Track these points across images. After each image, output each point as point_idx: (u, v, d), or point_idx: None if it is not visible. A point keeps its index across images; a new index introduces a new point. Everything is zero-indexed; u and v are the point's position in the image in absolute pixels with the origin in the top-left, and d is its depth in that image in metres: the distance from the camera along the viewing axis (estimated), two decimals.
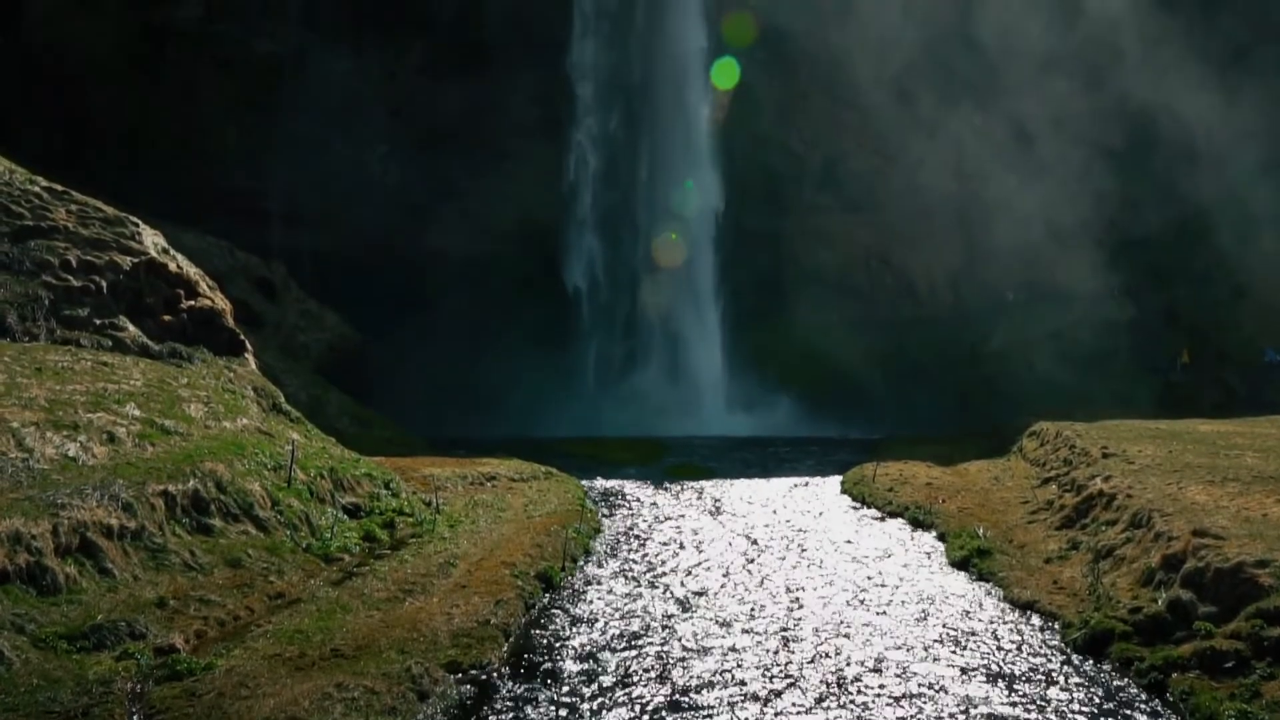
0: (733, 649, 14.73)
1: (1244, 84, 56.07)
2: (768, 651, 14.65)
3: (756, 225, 58.06)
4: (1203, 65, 55.13)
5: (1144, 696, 13.06)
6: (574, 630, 15.75)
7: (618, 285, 56.73)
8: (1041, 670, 13.98)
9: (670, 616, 16.50)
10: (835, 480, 33.28)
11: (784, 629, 15.78)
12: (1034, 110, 57.38)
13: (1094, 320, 54.89)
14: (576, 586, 18.56)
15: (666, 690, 12.96)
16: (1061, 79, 57.95)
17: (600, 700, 12.61)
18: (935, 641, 15.20)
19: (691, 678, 13.45)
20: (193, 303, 26.41)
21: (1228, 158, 55.03)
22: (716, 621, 16.18)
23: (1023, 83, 56.85)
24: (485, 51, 54.98)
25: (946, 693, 12.94)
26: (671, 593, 18.10)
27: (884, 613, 16.81)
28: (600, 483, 32.36)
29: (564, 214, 56.50)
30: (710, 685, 13.15)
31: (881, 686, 13.17)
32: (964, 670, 13.89)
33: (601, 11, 56.58)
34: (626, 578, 19.26)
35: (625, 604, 17.28)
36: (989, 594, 18.13)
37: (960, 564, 20.30)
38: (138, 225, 27.26)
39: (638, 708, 12.34)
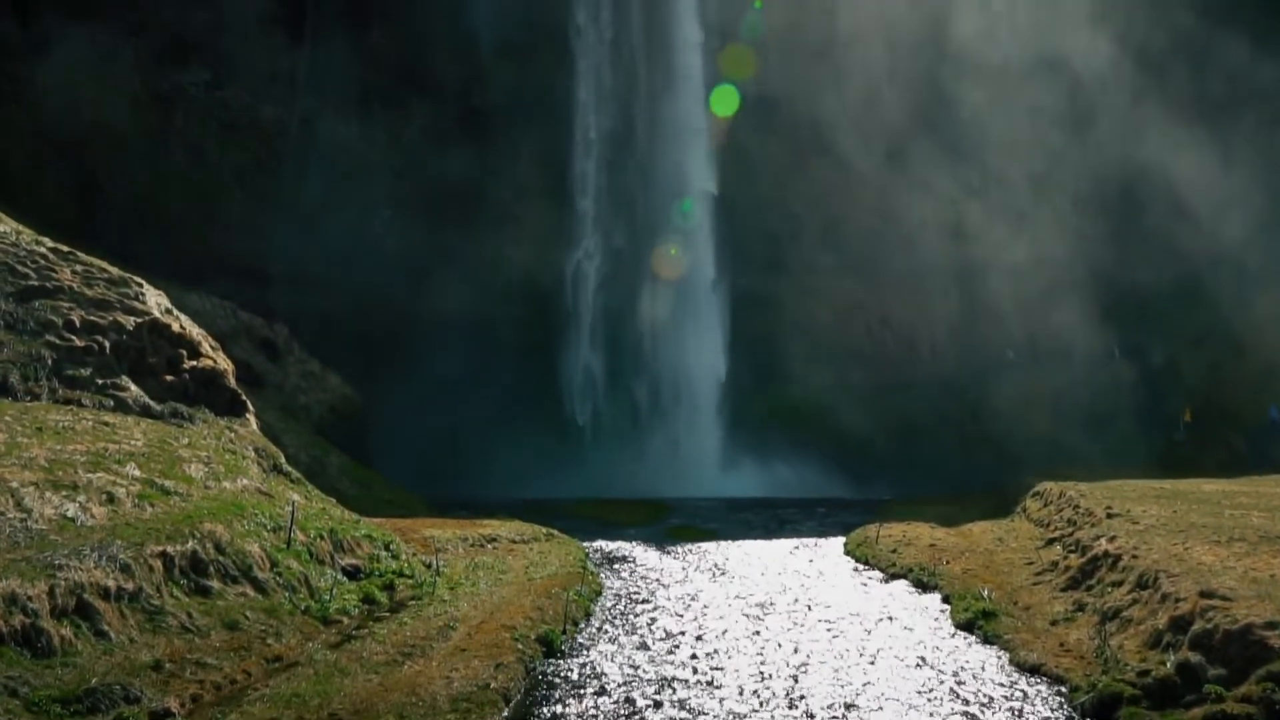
0: (737, 716, 14.49)
1: (1235, 143, 56.81)
2: (773, 719, 14.42)
3: (756, 286, 58.34)
4: (1193, 124, 55.90)
5: None
6: (575, 695, 15.52)
7: (619, 346, 56.82)
8: None
9: (673, 681, 16.26)
10: (838, 541, 33.03)
11: (789, 694, 15.55)
12: (1029, 170, 58.06)
13: (1095, 379, 54.92)
14: (578, 650, 18.33)
15: None
16: (1054, 138, 58.73)
17: None
18: (942, 706, 14.96)
19: None
20: (195, 363, 26.46)
21: (1222, 215, 55.48)
22: (720, 686, 15.95)
23: (1016, 143, 57.58)
24: (488, 117, 55.80)
25: None
26: (674, 656, 17.86)
27: (890, 677, 16.57)
28: (602, 544, 32.12)
29: (565, 278, 56.83)
30: None
31: None
32: None
33: (602, 81, 57.41)
34: (628, 641, 19.02)
35: (627, 668, 17.05)
36: (995, 656, 17.89)
37: (965, 626, 20.06)
38: (141, 286, 27.44)
39: None
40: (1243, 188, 55.72)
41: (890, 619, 21.25)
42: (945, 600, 22.72)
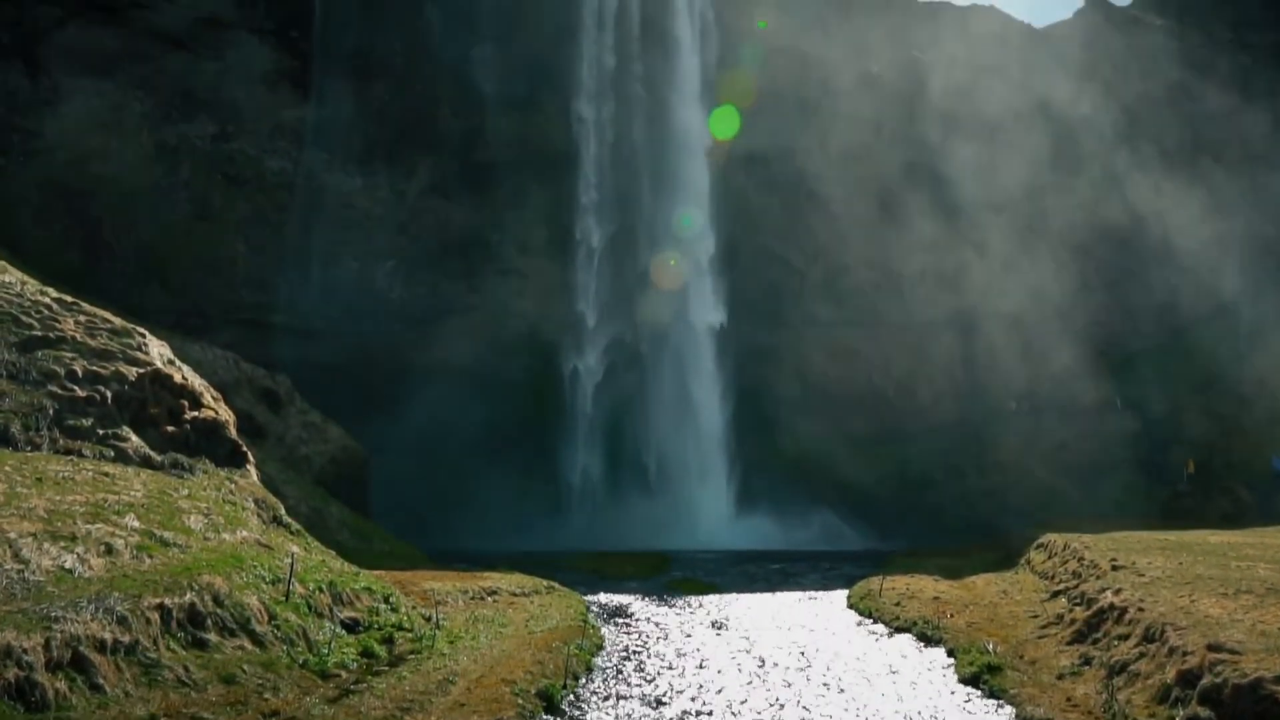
0: None
1: (1228, 194, 57.31)
2: None
3: (757, 338, 58.50)
4: (1188, 178, 56.46)
5: None
6: None
7: (622, 399, 56.76)
8: None
9: None
10: (841, 594, 32.74)
11: None
12: (1023, 221, 58.50)
13: (1098, 431, 54.85)
14: (578, 705, 18.08)
15: None
16: (1047, 190, 59.26)
17: None
18: None
19: None
20: (196, 414, 26.44)
21: (1218, 267, 55.87)
22: None
23: (1010, 195, 58.08)
24: (491, 171, 56.34)
25: None
26: (675, 712, 17.62)
27: None
28: (603, 597, 31.84)
29: (568, 331, 56.95)
30: None
31: None
32: None
33: (603, 140, 57.96)
34: (629, 696, 18.77)
35: None
36: (1001, 711, 17.64)
37: (970, 680, 19.80)
38: (144, 336, 27.50)
39: None
40: (1237, 240, 56.20)
41: (895, 674, 20.98)
42: (950, 654, 22.45)
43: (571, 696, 18.51)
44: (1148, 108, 60.57)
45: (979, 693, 19.08)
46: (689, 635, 25.36)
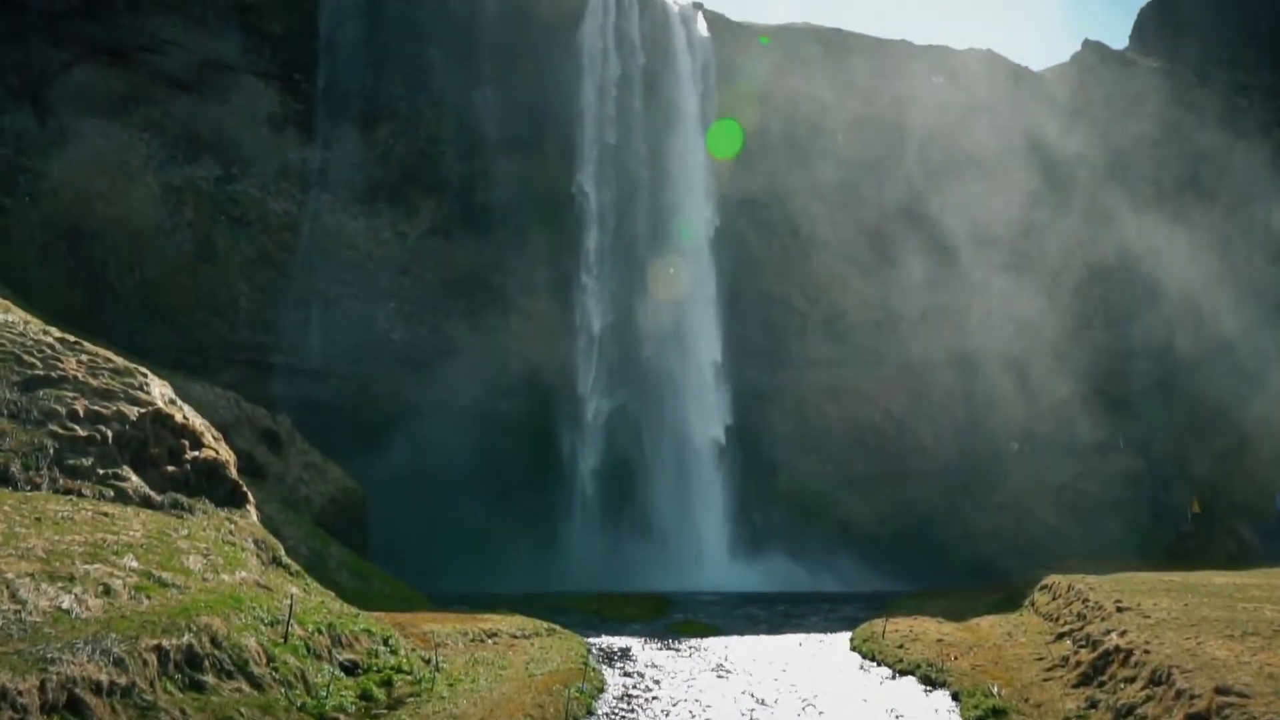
0: None
1: (1230, 239, 57.58)
2: None
3: (759, 379, 58.53)
4: (1188, 220, 56.75)
5: None
6: None
7: (623, 441, 56.63)
8: None
9: None
10: (844, 637, 32.45)
11: None
12: (1026, 265, 58.72)
13: (1100, 470, 54.74)
14: None
15: None
16: (1048, 236, 59.55)
17: None
18: None
19: None
20: (197, 454, 26.37)
21: (1219, 309, 56.02)
22: None
23: (1012, 239, 58.38)
24: (493, 213, 56.68)
25: None
26: None
27: None
28: (604, 640, 31.57)
29: (569, 373, 56.95)
30: None
31: None
32: None
33: (605, 184, 58.35)
34: None
35: None
36: None
37: None
38: (146, 376, 27.50)
39: None
40: (1234, 279, 56.39)
41: (899, 717, 20.75)
42: (954, 698, 22.20)
43: None
44: (1142, 148, 61.10)
45: None
46: (691, 679, 25.12)
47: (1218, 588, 28.37)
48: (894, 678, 25.48)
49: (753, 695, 22.87)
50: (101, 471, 23.21)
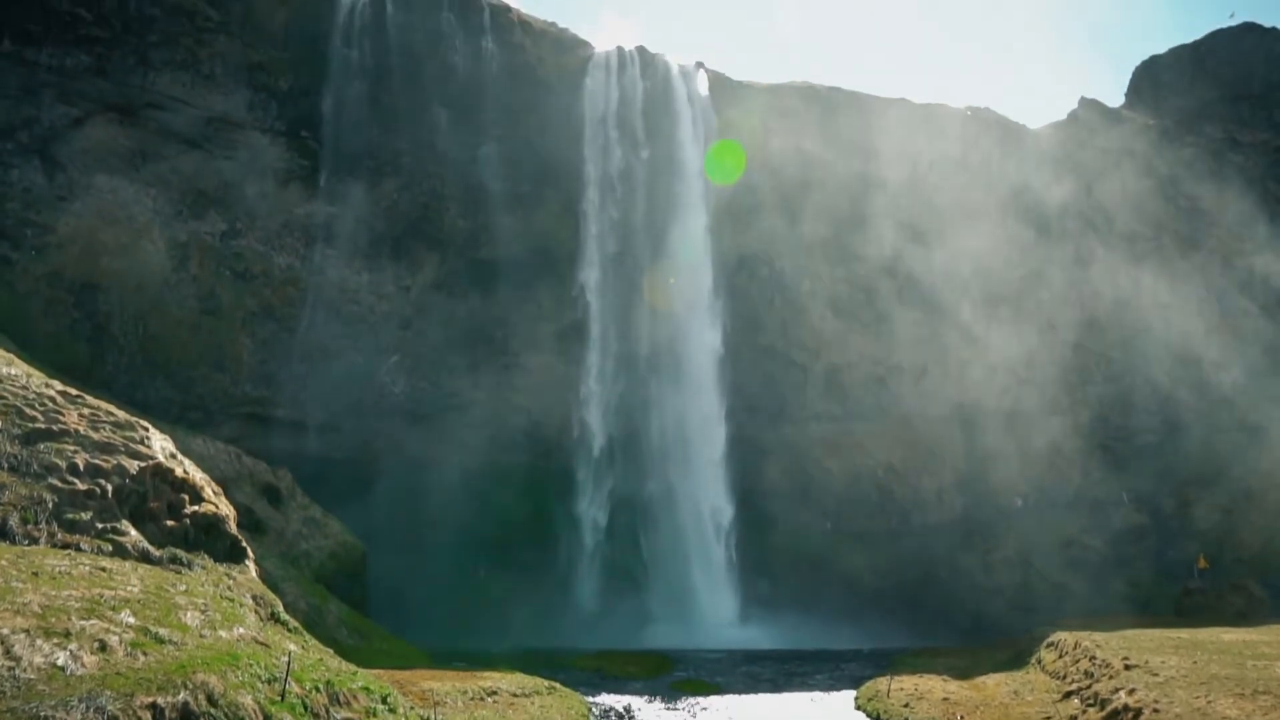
0: None
1: (1230, 295, 57.76)
2: None
3: (762, 435, 58.37)
4: (1189, 277, 56.96)
5: None
6: None
7: (626, 498, 56.30)
8: None
9: None
10: (848, 695, 32.01)
11: None
12: (1028, 320, 58.84)
13: (1105, 526, 54.32)
14: None
15: None
16: (1049, 291, 59.76)
17: None
18: None
19: None
20: (197, 508, 26.22)
21: (1220, 363, 56.01)
22: None
23: (1014, 295, 58.57)
24: (496, 267, 56.96)
25: None
26: None
27: None
28: (605, 699, 31.14)
29: (571, 429, 56.81)
30: None
31: None
32: None
33: (607, 238, 58.73)
34: None
35: None
36: None
37: None
38: (147, 430, 27.44)
39: None
40: (1234, 334, 56.47)
41: None
42: None
43: None
44: (1138, 202, 61.56)
45: None
46: None
47: (1227, 645, 28.04)
48: None
49: None
50: (100, 526, 23.07)
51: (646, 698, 31.77)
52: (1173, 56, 70.20)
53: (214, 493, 27.74)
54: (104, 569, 21.17)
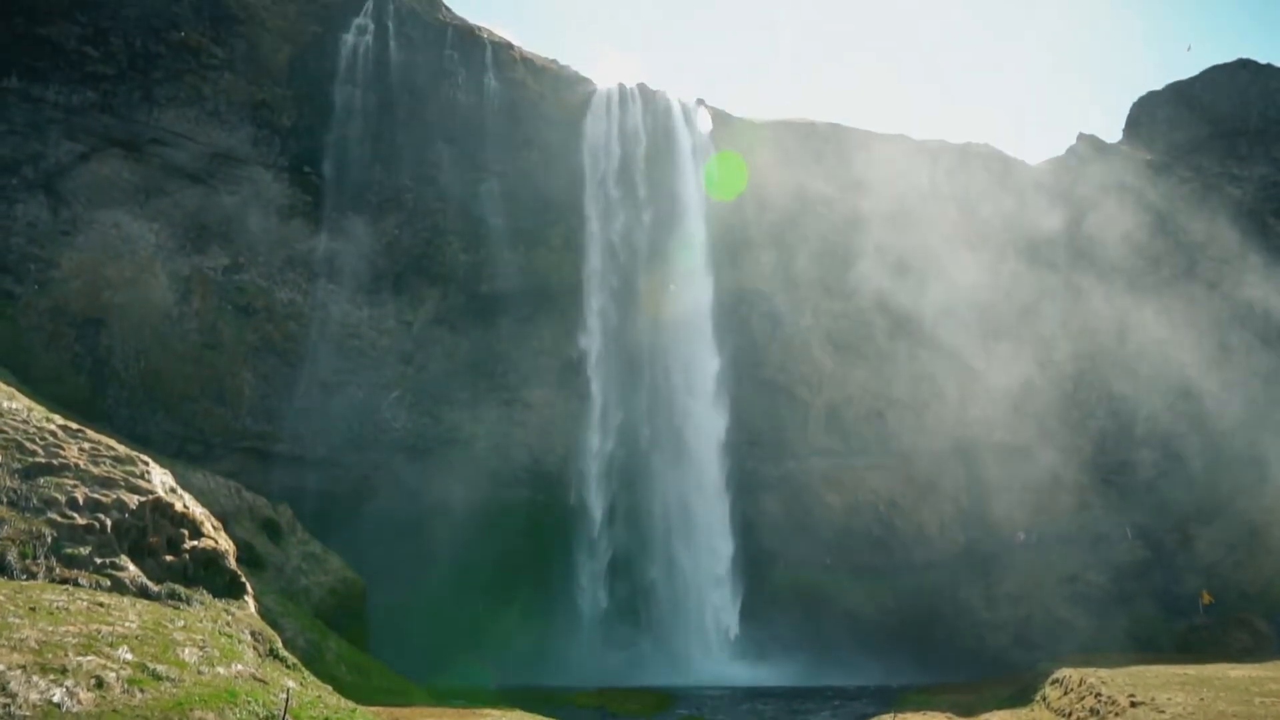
0: None
1: (1230, 328, 57.82)
2: None
3: (764, 470, 58.24)
4: (1190, 312, 57.00)
5: None
6: None
7: (628, 534, 56.04)
8: None
9: None
10: None
11: None
12: (1029, 354, 58.85)
13: (1109, 561, 54.04)
14: None
15: None
16: (1050, 326, 59.80)
17: None
18: None
19: None
20: (196, 543, 26.11)
21: (1222, 397, 55.94)
22: None
23: (1015, 329, 58.61)
24: (497, 302, 57.10)
25: None
26: None
27: None
28: None
29: (573, 466, 56.67)
30: None
31: None
32: None
33: (608, 273, 58.91)
34: None
35: None
36: None
37: None
38: (147, 464, 27.38)
39: None
40: (1236, 368, 56.46)
41: None
42: None
43: None
44: (1139, 237, 61.77)
45: None
46: None
47: (1233, 681, 27.79)
48: None
49: None
50: (99, 561, 22.97)
51: None
52: (1169, 92, 70.77)
53: (214, 528, 27.64)
54: (102, 604, 21.05)
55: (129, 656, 18.37)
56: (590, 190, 59.34)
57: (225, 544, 27.60)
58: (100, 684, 16.70)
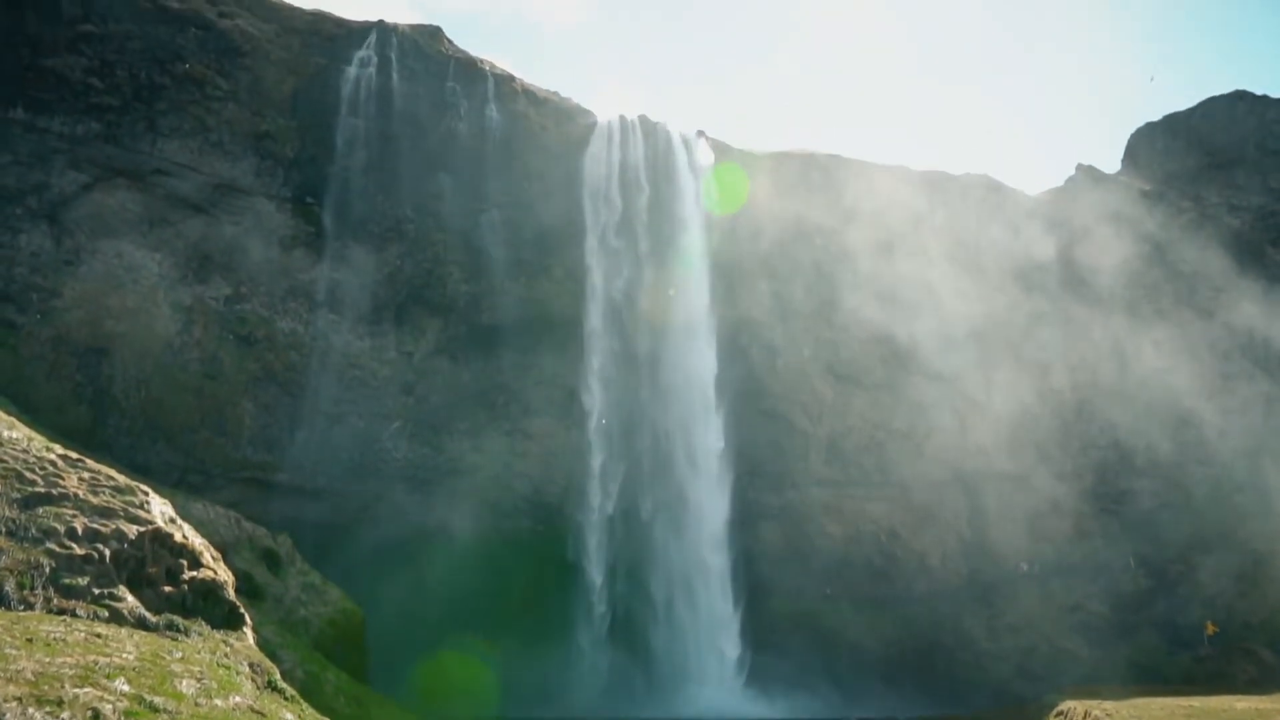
0: None
1: (1231, 358, 57.84)
2: None
3: (765, 501, 58.06)
4: (1190, 342, 57.06)
5: None
6: None
7: (627, 567, 55.78)
8: None
9: None
10: None
11: None
12: (1029, 384, 58.84)
13: (1111, 591, 53.78)
14: None
15: None
16: (1050, 355, 59.85)
17: None
18: None
19: None
20: (195, 574, 25.99)
21: (1225, 427, 55.88)
22: None
23: (1015, 360, 58.63)
24: (498, 333, 57.14)
25: None
26: None
27: None
28: None
29: (574, 498, 56.49)
30: None
31: None
32: None
33: (611, 307, 58.95)
34: None
35: None
36: None
37: None
38: (147, 494, 27.34)
39: None
40: (1238, 398, 56.44)
41: None
42: None
43: None
44: (1138, 268, 61.98)
45: None
46: None
47: (1239, 714, 27.58)
48: None
49: None
50: (97, 591, 22.87)
51: None
52: (1166, 123, 71.23)
53: (213, 558, 27.53)
54: (99, 635, 20.94)
55: (126, 688, 18.25)
56: (591, 222, 59.53)
57: (224, 575, 27.48)
58: (97, 716, 16.58)
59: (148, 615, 23.44)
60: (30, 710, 15.70)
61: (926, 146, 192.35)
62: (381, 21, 58.51)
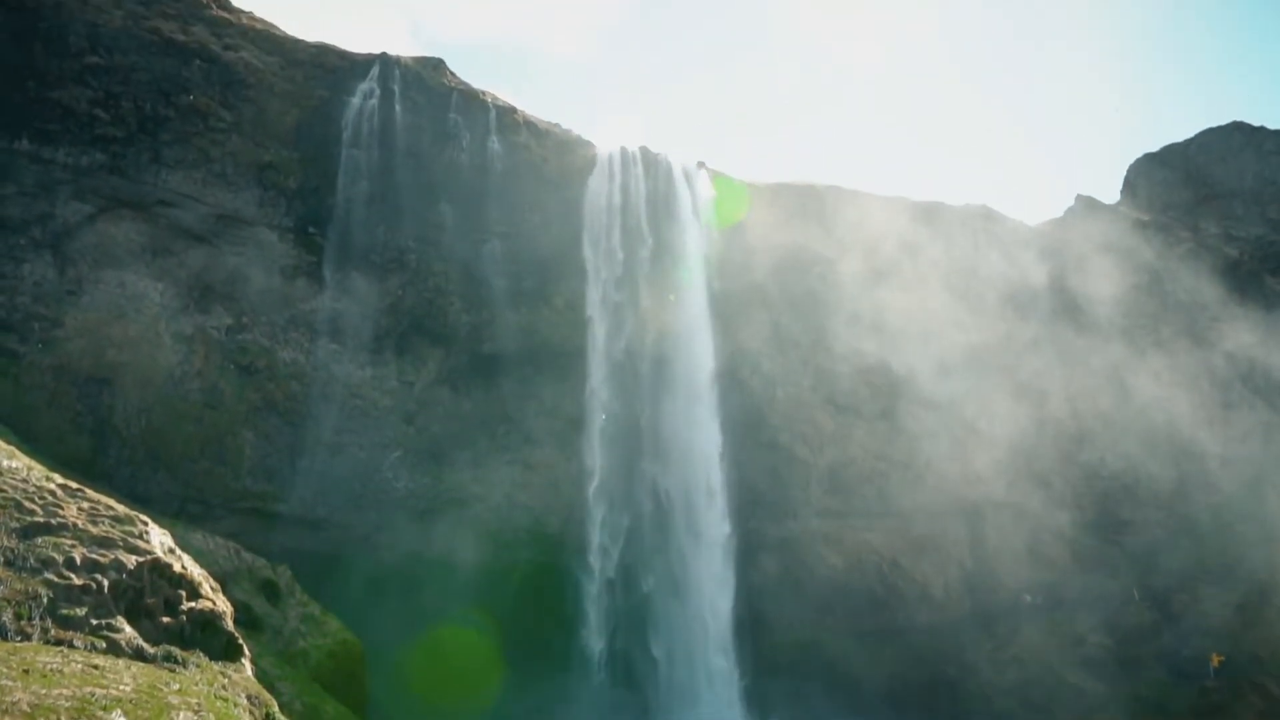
0: None
1: (1231, 388, 57.83)
2: None
3: (766, 531, 57.85)
4: (1190, 372, 57.08)
5: None
6: None
7: (629, 597, 55.51)
8: None
9: None
10: None
11: None
12: (1030, 415, 58.79)
13: (1116, 624, 53.46)
14: None
15: None
16: (1052, 385, 59.84)
17: None
18: None
19: None
20: (194, 604, 25.85)
21: (1227, 457, 55.78)
22: None
23: (1017, 390, 58.64)
24: (499, 363, 57.18)
25: None
26: None
27: None
28: None
29: (576, 525, 56.31)
30: None
31: None
32: None
33: (610, 335, 59.03)
34: None
35: None
36: None
37: None
38: (146, 524, 27.24)
39: None
40: (1240, 428, 56.34)
41: None
42: None
43: None
44: (1138, 298, 62.16)
45: None
46: None
47: None
48: None
49: None
50: (95, 622, 22.74)
51: None
52: (1164, 155, 71.66)
53: (211, 589, 27.39)
54: (96, 666, 20.81)
55: None
56: (591, 253, 59.72)
57: (223, 605, 27.32)
58: None
59: (145, 646, 23.29)
60: None
61: (928, 180, 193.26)
62: (385, 54, 59.01)
